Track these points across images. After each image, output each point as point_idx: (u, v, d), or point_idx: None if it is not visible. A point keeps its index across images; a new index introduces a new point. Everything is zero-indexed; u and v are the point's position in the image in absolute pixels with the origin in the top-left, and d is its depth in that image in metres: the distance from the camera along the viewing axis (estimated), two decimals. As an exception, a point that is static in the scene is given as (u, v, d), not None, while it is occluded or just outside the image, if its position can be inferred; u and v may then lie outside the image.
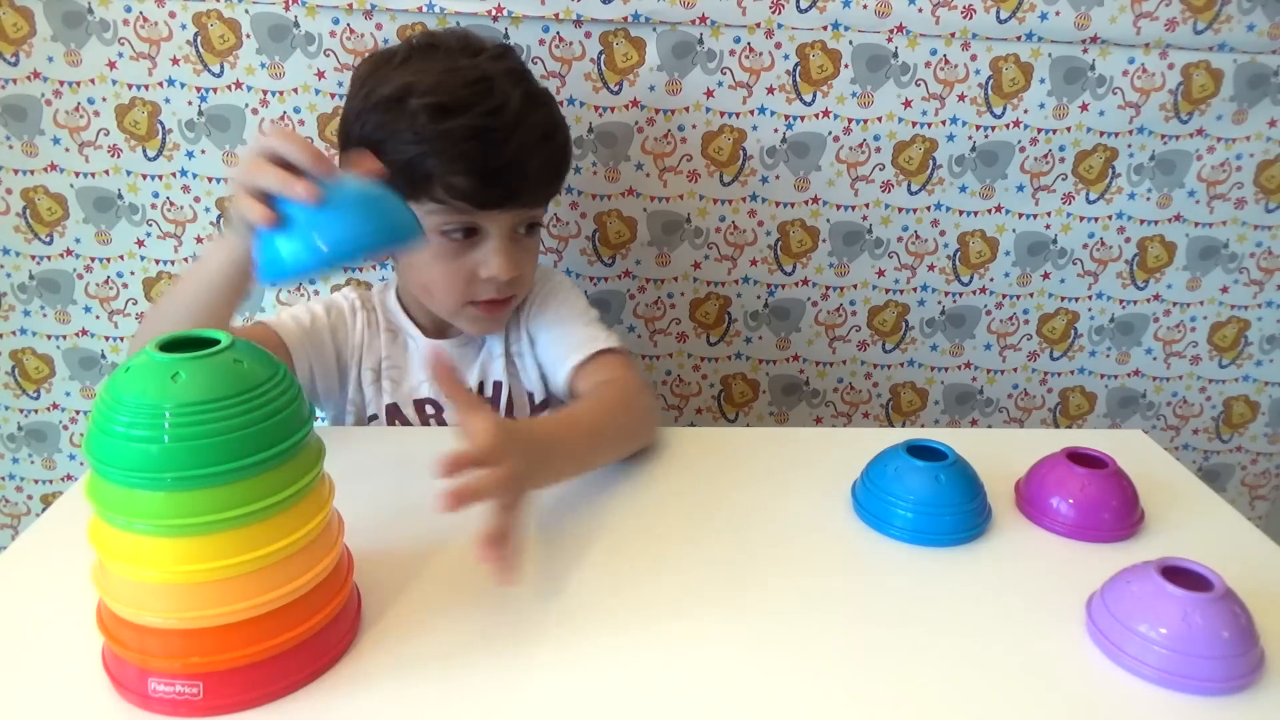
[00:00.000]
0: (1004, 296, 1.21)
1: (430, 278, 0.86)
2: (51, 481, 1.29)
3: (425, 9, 1.02)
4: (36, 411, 1.24)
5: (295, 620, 0.51)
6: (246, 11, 1.03)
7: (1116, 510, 0.70)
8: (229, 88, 1.07)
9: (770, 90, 1.08)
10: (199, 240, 1.15)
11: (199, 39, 1.04)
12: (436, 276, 0.86)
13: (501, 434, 0.58)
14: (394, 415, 0.92)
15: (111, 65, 1.05)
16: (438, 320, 0.93)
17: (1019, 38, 1.05)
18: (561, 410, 0.80)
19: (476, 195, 0.80)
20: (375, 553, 0.62)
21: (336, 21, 1.03)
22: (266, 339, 0.83)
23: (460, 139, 0.78)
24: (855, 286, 1.20)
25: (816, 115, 1.10)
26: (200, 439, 0.45)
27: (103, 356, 1.21)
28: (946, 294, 1.21)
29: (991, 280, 1.20)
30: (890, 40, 1.06)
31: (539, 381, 0.96)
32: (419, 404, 0.92)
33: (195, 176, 1.11)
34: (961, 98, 1.09)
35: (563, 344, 0.90)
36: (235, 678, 0.49)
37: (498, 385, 0.95)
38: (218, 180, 1.11)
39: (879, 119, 1.10)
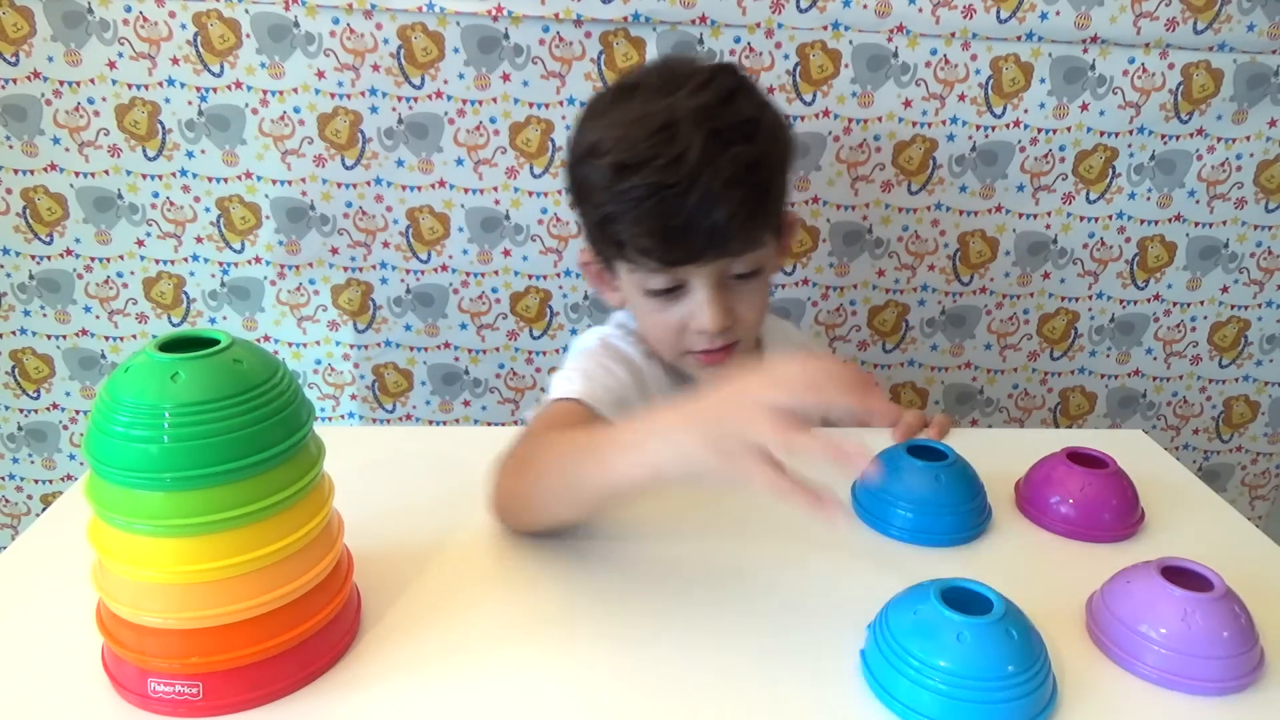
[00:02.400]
0: (1004, 296, 1.21)
1: (648, 330, 0.84)
2: (51, 481, 1.29)
3: (425, 9, 1.02)
4: (36, 411, 1.24)
5: (295, 620, 0.50)
6: (246, 11, 1.03)
7: (1116, 510, 0.70)
8: (229, 88, 1.07)
9: (770, 90, 1.08)
10: (199, 240, 1.15)
11: (199, 39, 1.04)
12: (652, 329, 0.83)
13: None
14: None
15: (111, 65, 1.05)
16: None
17: (1019, 37, 1.05)
18: None
19: (660, 253, 0.76)
20: (376, 552, 0.62)
21: (336, 21, 1.03)
22: (591, 423, 0.75)
23: (639, 199, 0.74)
24: (855, 286, 1.20)
25: (816, 115, 1.10)
26: (200, 439, 0.45)
27: (103, 356, 1.21)
28: (946, 294, 1.21)
29: (991, 280, 1.20)
30: (890, 40, 1.06)
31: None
32: None
33: (195, 176, 1.11)
34: (961, 98, 1.09)
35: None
36: (235, 678, 0.49)
37: None
38: (218, 180, 1.11)
39: (879, 119, 1.10)
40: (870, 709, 0.51)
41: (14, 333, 1.20)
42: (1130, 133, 1.10)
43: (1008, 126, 1.11)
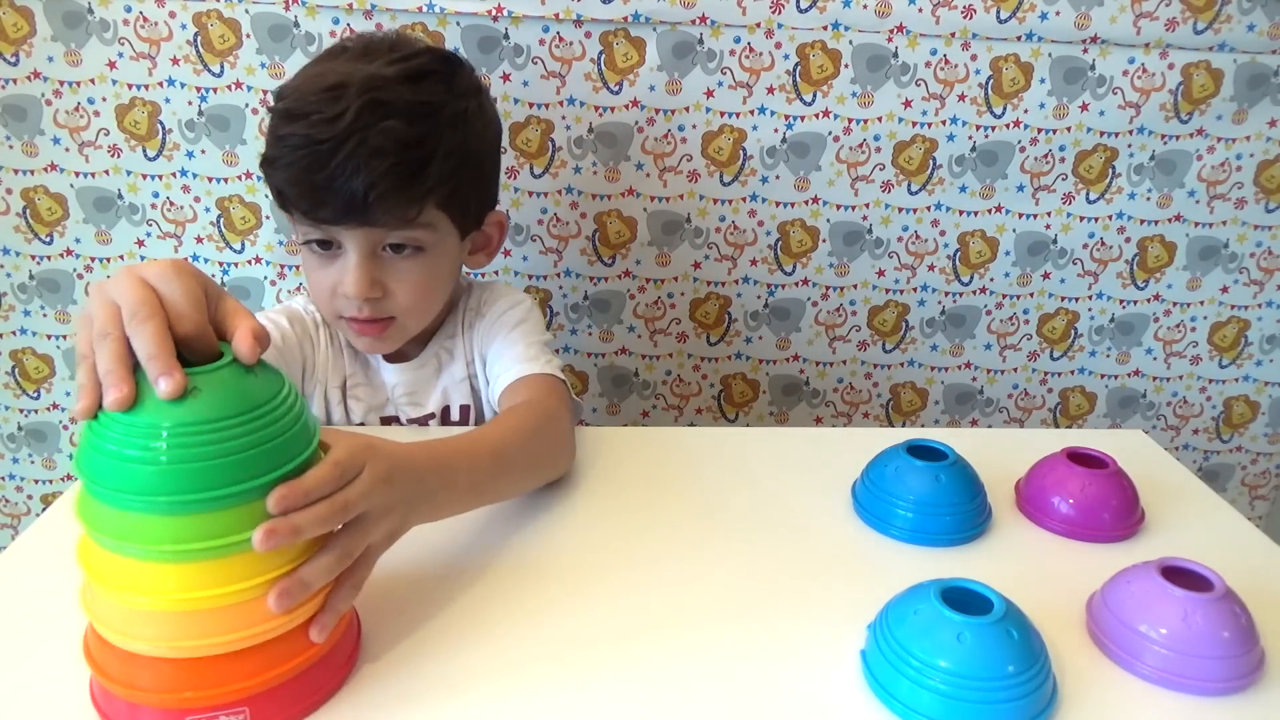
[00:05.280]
0: (1004, 296, 1.21)
1: (309, 286, 0.84)
2: (51, 481, 1.29)
3: (425, 9, 1.02)
4: (36, 411, 1.24)
5: (293, 651, 0.48)
6: (246, 11, 1.03)
7: (1116, 510, 0.70)
8: (229, 88, 1.07)
9: (770, 90, 1.08)
10: (199, 240, 1.15)
11: (199, 39, 1.04)
12: (311, 286, 0.84)
13: (366, 451, 0.52)
14: None
15: (111, 65, 1.05)
16: None
17: (1019, 38, 1.05)
18: (460, 434, 0.70)
19: (307, 209, 0.77)
20: (377, 576, 0.60)
21: (336, 21, 1.03)
22: None
23: (292, 148, 0.75)
24: (855, 286, 1.20)
25: (816, 115, 1.10)
26: (200, 461, 0.42)
27: (103, 356, 1.21)
28: (946, 294, 1.21)
29: (991, 280, 1.20)
30: (890, 40, 1.06)
31: None
32: (385, 420, 0.91)
33: (195, 176, 1.11)
34: (961, 98, 1.09)
35: (498, 363, 0.86)
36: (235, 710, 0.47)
37: (464, 409, 0.92)
38: (218, 180, 1.11)
39: (879, 119, 1.10)
40: (871, 710, 0.51)
41: (14, 333, 1.20)
42: (1130, 133, 1.10)
43: (1008, 126, 1.11)
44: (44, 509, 0.69)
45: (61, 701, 0.50)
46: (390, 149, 0.75)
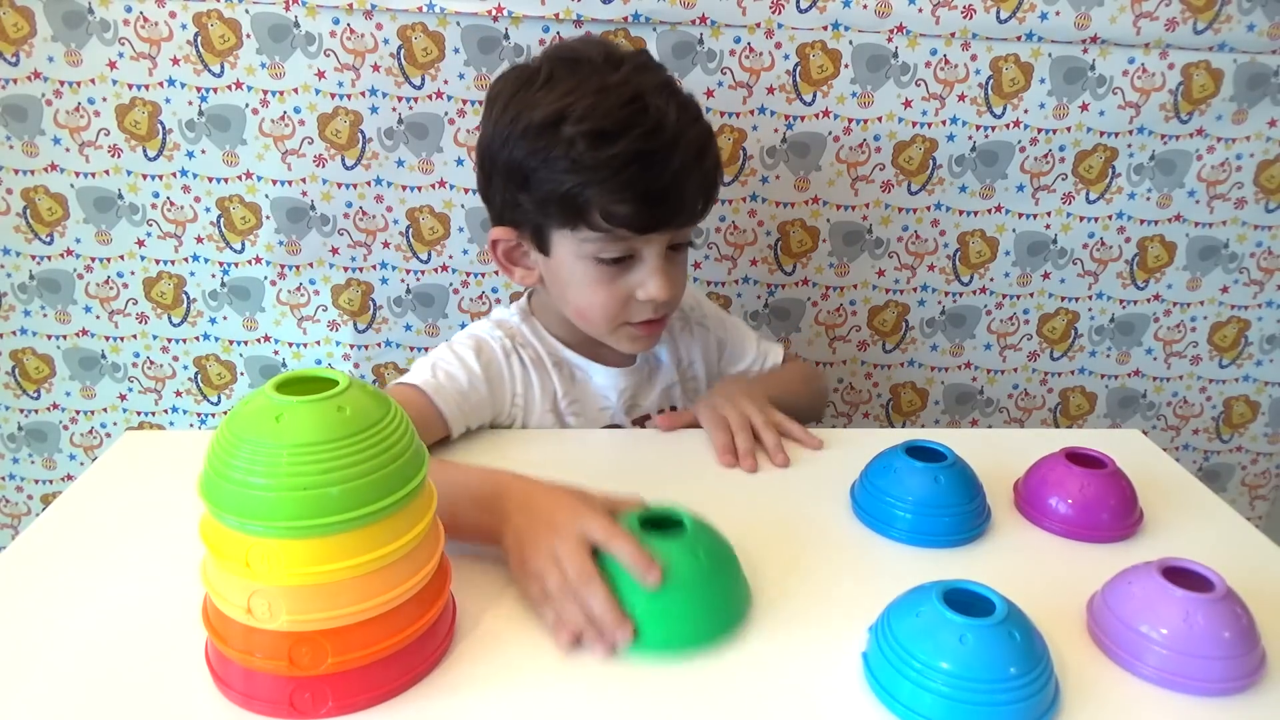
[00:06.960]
0: (1004, 296, 1.21)
1: (587, 302, 0.84)
2: (51, 481, 1.29)
3: (425, 9, 1.02)
4: (36, 411, 1.24)
5: (396, 626, 0.50)
6: (246, 11, 1.03)
7: (1115, 510, 0.70)
8: (229, 88, 1.07)
9: (770, 90, 1.08)
10: (199, 240, 1.15)
11: (199, 39, 1.04)
12: (595, 301, 0.83)
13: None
14: None
15: (112, 65, 1.05)
16: (592, 343, 0.90)
17: (1019, 38, 1.05)
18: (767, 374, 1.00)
19: (638, 220, 0.78)
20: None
21: (336, 21, 1.03)
22: (425, 411, 0.79)
23: (621, 165, 0.75)
24: (855, 286, 1.20)
25: (816, 115, 1.10)
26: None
27: (103, 356, 1.21)
28: (946, 294, 1.21)
29: (991, 280, 1.20)
30: (890, 40, 1.06)
31: None
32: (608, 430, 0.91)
33: (195, 176, 1.11)
34: (961, 98, 1.09)
35: (753, 349, 1.01)
36: (328, 683, 0.49)
37: (674, 409, 0.95)
38: (218, 180, 1.11)
39: (879, 119, 1.10)
40: (872, 711, 0.51)
41: (14, 333, 1.20)
42: (1130, 133, 1.10)
43: (1008, 126, 1.11)
44: (44, 509, 0.69)
45: (57, 703, 0.50)
46: (706, 147, 0.82)
